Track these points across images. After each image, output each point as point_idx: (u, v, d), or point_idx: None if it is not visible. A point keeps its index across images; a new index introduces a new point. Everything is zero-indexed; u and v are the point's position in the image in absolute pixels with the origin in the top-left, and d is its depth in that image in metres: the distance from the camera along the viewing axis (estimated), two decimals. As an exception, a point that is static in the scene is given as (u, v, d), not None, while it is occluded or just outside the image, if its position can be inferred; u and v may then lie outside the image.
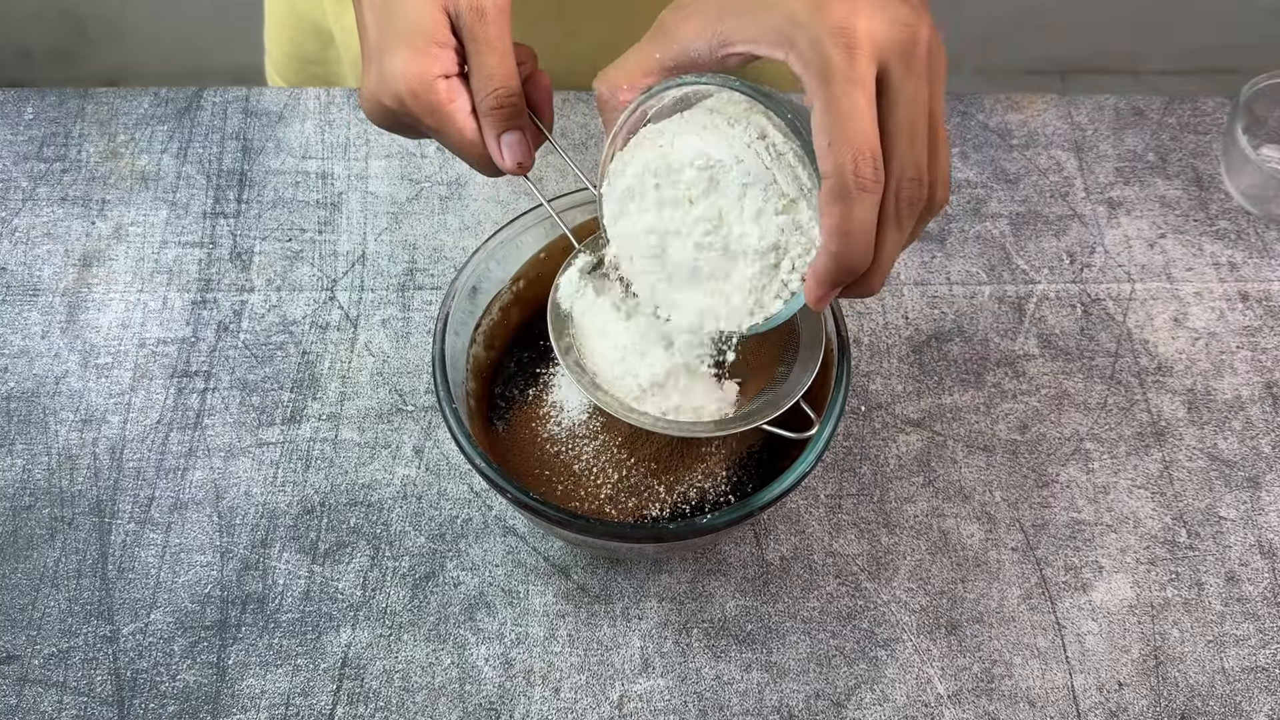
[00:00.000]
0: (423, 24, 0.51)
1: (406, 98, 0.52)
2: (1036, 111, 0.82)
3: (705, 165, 0.49)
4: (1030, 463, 0.69)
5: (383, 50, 0.52)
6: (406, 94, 0.51)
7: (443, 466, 0.67)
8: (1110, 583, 0.65)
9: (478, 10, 0.52)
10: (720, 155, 0.49)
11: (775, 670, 0.62)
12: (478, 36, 0.52)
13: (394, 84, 0.52)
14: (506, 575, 0.64)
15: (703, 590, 0.64)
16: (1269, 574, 0.66)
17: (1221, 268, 0.76)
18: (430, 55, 0.51)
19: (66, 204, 0.76)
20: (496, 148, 0.53)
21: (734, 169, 0.49)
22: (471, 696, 0.61)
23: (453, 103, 0.52)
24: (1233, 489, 0.68)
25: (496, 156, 0.54)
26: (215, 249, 0.74)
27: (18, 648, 0.61)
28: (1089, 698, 0.62)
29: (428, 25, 0.51)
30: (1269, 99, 0.78)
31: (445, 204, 0.76)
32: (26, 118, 0.79)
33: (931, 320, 0.73)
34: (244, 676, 0.61)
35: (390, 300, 0.73)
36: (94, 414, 0.68)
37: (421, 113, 0.52)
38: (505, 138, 0.53)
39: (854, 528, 0.66)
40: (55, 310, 0.72)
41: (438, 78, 0.52)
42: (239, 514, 0.65)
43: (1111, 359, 0.72)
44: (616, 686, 0.62)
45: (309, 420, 0.68)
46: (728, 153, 0.49)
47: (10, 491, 0.66)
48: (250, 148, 0.78)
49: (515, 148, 0.53)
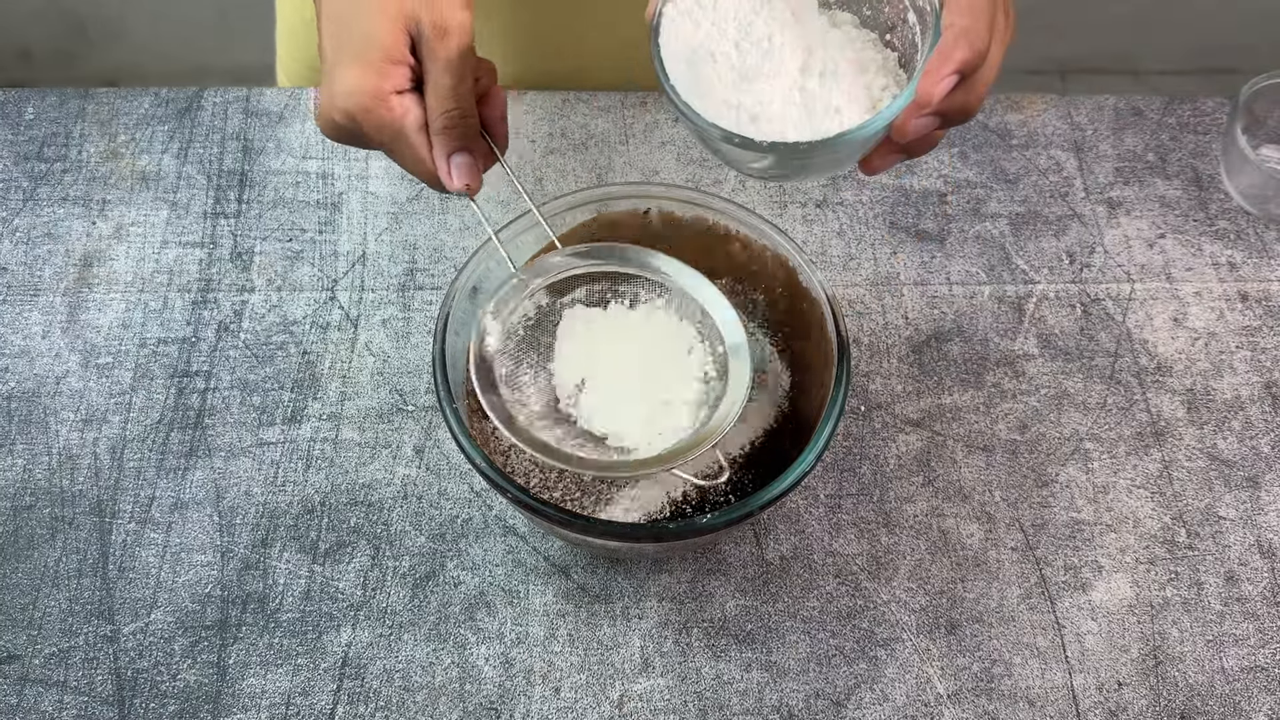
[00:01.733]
0: (380, 40, 0.51)
1: (357, 113, 0.51)
2: (1036, 111, 0.82)
3: None
4: (1030, 463, 0.69)
5: (337, 64, 0.52)
6: (357, 109, 0.51)
7: (443, 466, 0.67)
8: (1110, 582, 0.65)
9: (440, 29, 0.51)
10: None
11: (775, 670, 0.62)
12: (438, 55, 0.52)
13: (344, 100, 0.51)
14: (507, 575, 0.64)
15: (703, 590, 0.64)
16: (1268, 574, 0.66)
17: (1221, 268, 0.76)
18: (383, 71, 0.51)
19: (67, 204, 0.76)
20: (446, 168, 0.53)
21: None
22: (472, 696, 0.61)
23: (404, 119, 0.52)
24: (1232, 489, 0.68)
25: (444, 177, 0.54)
26: (216, 249, 0.74)
27: (18, 647, 0.62)
28: (1088, 697, 0.62)
29: (385, 42, 0.51)
30: (1269, 99, 0.78)
31: (445, 204, 0.76)
32: (27, 118, 0.79)
33: (931, 320, 0.73)
34: (244, 676, 0.61)
35: (390, 300, 0.73)
36: (95, 414, 0.68)
37: (371, 129, 0.52)
38: (455, 159, 0.53)
39: (854, 527, 0.66)
40: (56, 310, 0.72)
41: (390, 94, 0.51)
42: (239, 514, 0.65)
43: (1111, 359, 0.72)
44: (616, 686, 0.62)
45: (309, 420, 0.68)
46: None
47: (11, 491, 0.66)
48: (251, 148, 0.78)
49: (463, 169, 0.53)
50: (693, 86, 0.51)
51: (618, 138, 0.79)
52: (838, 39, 0.52)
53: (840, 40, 0.52)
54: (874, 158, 0.52)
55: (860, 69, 0.51)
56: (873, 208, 0.77)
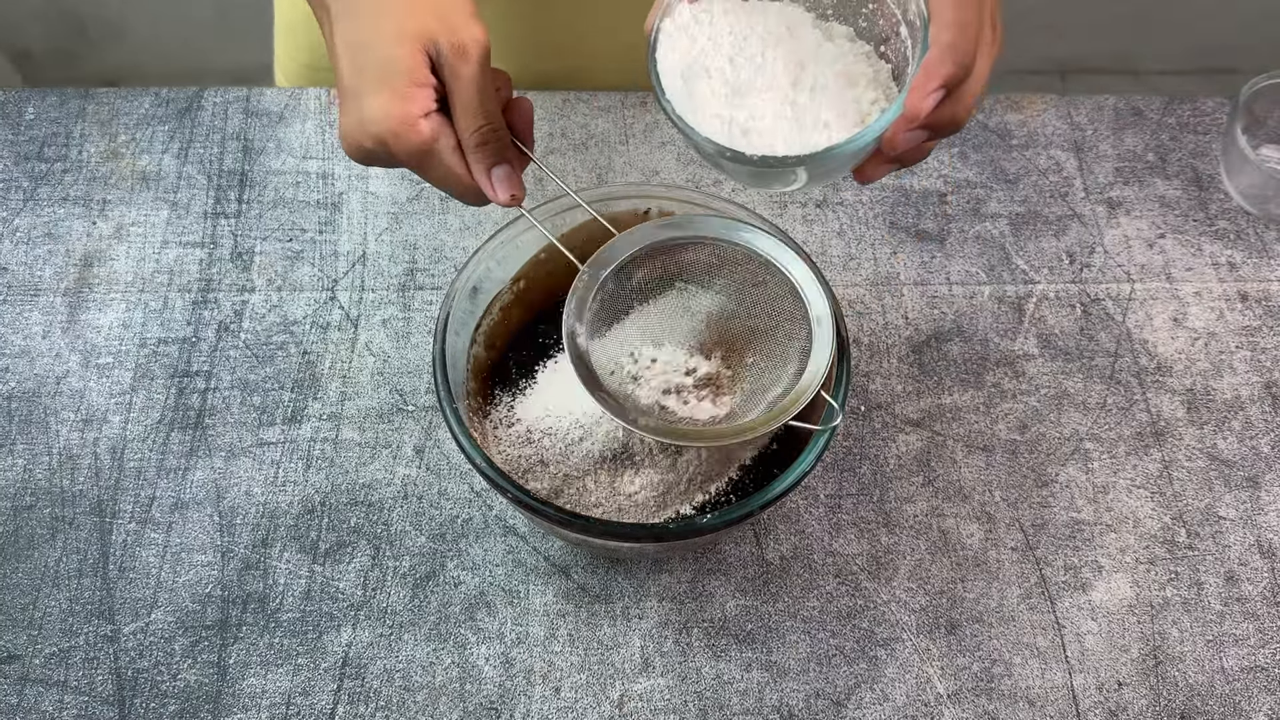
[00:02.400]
0: (402, 65, 0.51)
1: (389, 139, 0.51)
2: (1036, 111, 0.82)
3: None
4: (1030, 463, 0.69)
5: (361, 92, 0.52)
6: (389, 135, 0.51)
7: (443, 466, 0.67)
8: (1110, 582, 0.65)
9: (459, 49, 0.51)
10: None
11: (775, 670, 0.62)
12: (460, 75, 0.52)
13: (373, 126, 0.51)
14: (507, 575, 0.64)
15: (703, 590, 0.64)
16: (1268, 574, 0.66)
17: (1221, 268, 0.76)
18: (409, 96, 0.51)
19: (67, 204, 0.76)
20: (488, 182, 0.54)
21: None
22: (472, 696, 0.61)
23: (437, 141, 0.52)
24: (1232, 489, 0.68)
25: (489, 191, 0.54)
26: (216, 249, 0.74)
27: (19, 647, 0.62)
28: (1088, 697, 0.62)
29: (407, 66, 0.51)
30: (1269, 99, 0.78)
31: (445, 204, 0.76)
32: (27, 118, 0.79)
33: (931, 320, 0.73)
34: (245, 676, 0.61)
35: (391, 300, 0.73)
36: (95, 414, 0.68)
37: (404, 153, 0.52)
38: (495, 172, 0.53)
39: (854, 527, 0.66)
40: (56, 310, 0.72)
41: (418, 118, 0.51)
42: (240, 514, 0.66)
43: (1111, 359, 0.73)
44: (616, 686, 0.62)
45: (310, 420, 0.68)
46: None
47: (11, 491, 0.66)
48: (251, 148, 0.78)
49: (506, 181, 0.54)
50: (687, 101, 0.52)
51: (618, 138, 0.79)
52: (830, 53, 0.52)
53: (832, 54, 0.53)
54: (867, 168, 0.53)
55: (850, 83, 0.52)
56: (873, 208, 0.77)
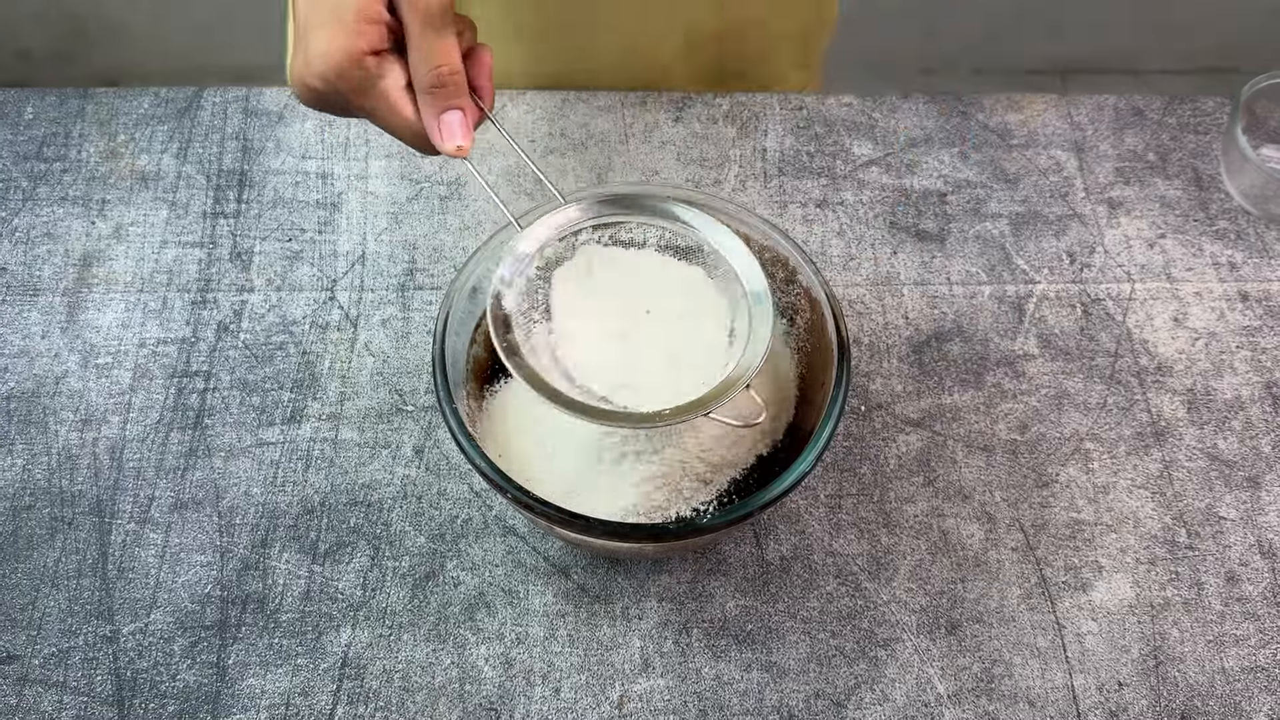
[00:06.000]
0: (354, 1, 0.49)
1: (332, 75, 0.50)
2: (1036, 111, 0.82)
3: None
4: (1030, 463, 0.69)
5: (310, 27, 0.50)
6: (332, 72, 0.49)
7: (443, 466, 0.67)
8: (1110, 583, 0.65)
9: None
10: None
11: (775, 670, 0.62)
12: (417, 9, 0.50)
13: (318, 63, 0.49)
14: (506, 575, 0.64)
15: (703, 590, 0.64)
16: (1269, 574, 0.66)
17: (1221, 268, 0.76)
18: (357, 31, 0.49)
19: (66, 204, 0.76)
20: (436, 128, 0.51)
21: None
22: (471, 696, 0.61)
23: (383, 80, 0.50)
24: (1233, 489, 0.68)
25: (435, 137, 0.52)
26: (215, 249, 0.74)
27: (18, 648, 0.62)
28: (1089, 698, 0.62)
29: (359, 2, 0.49)
30: (1269, 99, 0.78)
31: (445, 204, 0.76)
32: (26, 118, 0.79)
33: (931, 320, 0.73)
34: (244, 676, 0.61)
35: (390, 300, 0.73)
36: (94, 414, 0.68)
37: (349, 91, 0.50)
38: (445, 117, 0.51)
39: (854, 528, 0.66)
40: (55, 310, 0.72)
41: (365, 54, 0.50)
42: (239, 514, 0.65)
43: (1111, 359, 0.72)
44: (616, 686, 0.62)
45: (309, 420, 0.68)
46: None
47: (10, 491, 0.66)
48: (250, 148, 0.78)
49: (454, 127, 0.51)
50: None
51: (618, 138, 0.79)
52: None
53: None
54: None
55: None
56: (873, 208, 0.77)
